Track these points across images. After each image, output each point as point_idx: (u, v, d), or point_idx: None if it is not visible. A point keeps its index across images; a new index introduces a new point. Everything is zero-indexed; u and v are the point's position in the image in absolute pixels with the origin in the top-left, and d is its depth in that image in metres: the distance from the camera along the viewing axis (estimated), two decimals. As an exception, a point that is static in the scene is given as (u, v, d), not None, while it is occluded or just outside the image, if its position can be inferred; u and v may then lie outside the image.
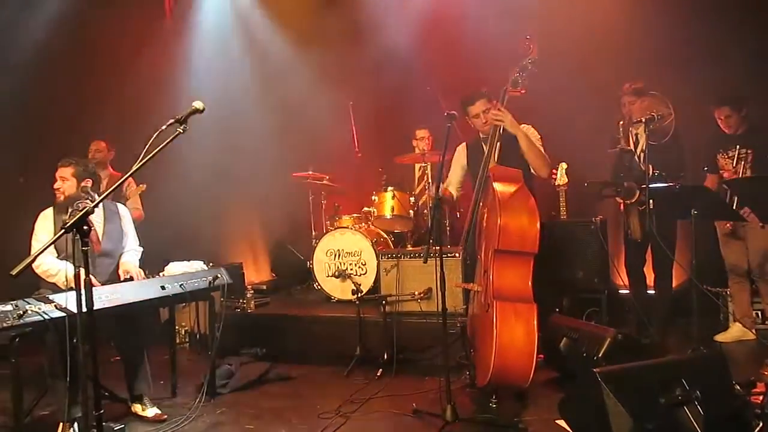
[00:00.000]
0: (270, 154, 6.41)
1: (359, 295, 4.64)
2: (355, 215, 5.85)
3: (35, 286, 3.65)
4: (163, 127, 2.61)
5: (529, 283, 3.27)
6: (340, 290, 5.36)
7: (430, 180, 5.92)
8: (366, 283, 5.19)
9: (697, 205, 3.60)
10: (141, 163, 2.48)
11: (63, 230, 2.25)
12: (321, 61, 6.36)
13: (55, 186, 3.80)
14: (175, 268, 4.03)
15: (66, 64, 6.00)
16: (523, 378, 3.16)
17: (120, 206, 4.12)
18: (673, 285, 4.70)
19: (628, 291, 4.72)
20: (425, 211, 5.77)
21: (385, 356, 4.42)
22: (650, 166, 4.09)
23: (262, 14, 6.84)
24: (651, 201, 4.03)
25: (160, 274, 3.94)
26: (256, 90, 6.65)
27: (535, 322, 3.16)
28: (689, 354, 3.50)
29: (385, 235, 5.69)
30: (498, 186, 3.40)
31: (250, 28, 6.87)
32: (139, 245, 4.14)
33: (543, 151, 3.91)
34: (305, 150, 6.27)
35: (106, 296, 3.27)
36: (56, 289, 3.54)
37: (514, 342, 3.12)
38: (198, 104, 2.70)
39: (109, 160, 5.58)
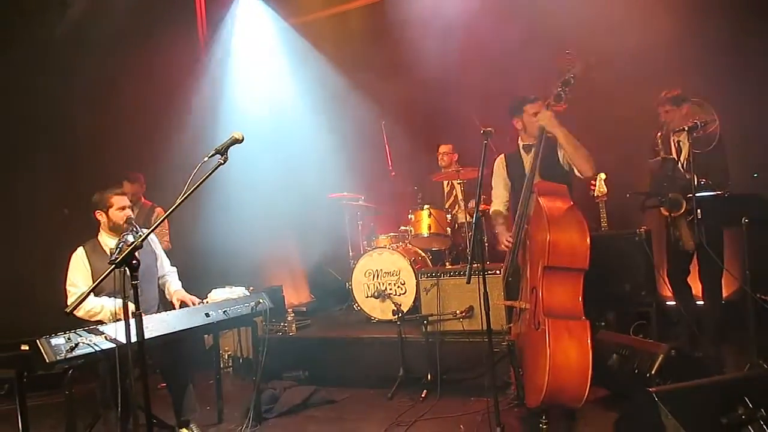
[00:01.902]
0: (305, 176, 6.47)
1: (400, 315, 4.62)
2: (391, 234, 5.85)
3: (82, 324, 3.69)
4: (205, 159, 2.65)
5: (580, 300, 3.20)
6: (380, 310, 5.34)
7: (459, 195, 5.90)
8: (406, 303, 5.17)
9: (749, 212, 3.47)
10: (185, 195, 2.52)
11: (114, 265, 2.30)
12: (354, 82, 6.42)
13: (129, 213, 3.79)
14: (218, 294, 4.07)
15: (107, 98, 6.20)
16: (577, 398, 3.07)
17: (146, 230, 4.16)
18: (723, 295, 4.53)
19: (674, 303, 4.58)
20: (455, 227, 5.73)
21: (429, 377, 4.38)
22: (695, 175, 3.97)
23: (295, 40, 6.97)
24: (699, 210, 3.91)
25: (204, 301, 3.98)
26: (290, 114, 6.75)
27: (589, 340, 3.08)
28: (749, 370, 3.36)
29: (423, 254, 5.66)
30: (545, 201, 3.34)
31: (282, 53, 6.99)
32: (171, 265, 4.23)
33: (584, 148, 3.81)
34: (340, 171, 6.31)
35: (153, 325, 3.33)
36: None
37: (569, 361, 3.05)
38: (237, 134, 2.74)
39: (142, 192, 5.68)
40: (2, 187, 5.75)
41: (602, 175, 4.90)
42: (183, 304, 3.87)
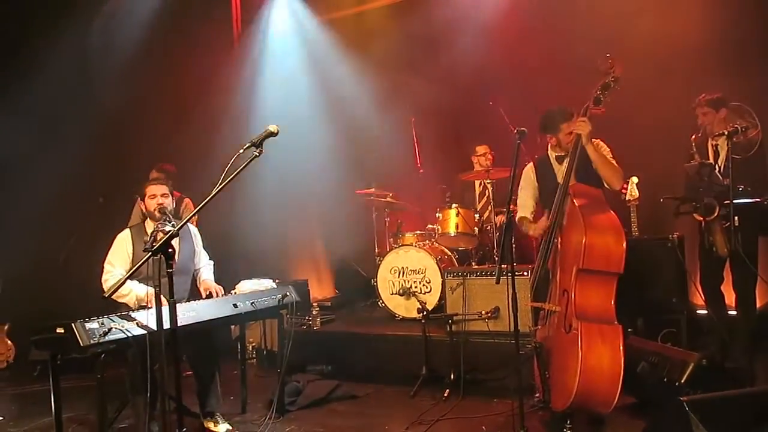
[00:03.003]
0: (334, 171, 6.50)
1: (425, 313, 4.61)
2: (418, 232, 5.83)
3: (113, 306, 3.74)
4: (241, 151, 2.67)
5: (612, 304, 3.17)
6: (405, 308, 5.34)
7: (491, 197, 5.86)
8: (431, 301, 5.15)
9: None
10: (220, 187, 2.55)
11: (150, 253, 2.33)
12: (384, 79, 6.42)
13: (161, 201, 3.80)
14: (245, 286, 4.11)
15: (140, 90, 6.31)
16: (606, 403, 3.04)
17: (191, 226, 4.24)
18: (757, 305, 4.42)
19: (705, 311, 4.48)
20: (488, 227, 5.70)
21: (452, 376, 4.36)
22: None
23: (327, 36, 7.00)
24: (736, 217, 3.82)
25: (232, 292, 4.03)
26: (320, 109, 6.79)
27: (621, 345, 3.06)
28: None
29: (450, 253, 5.63)
30: (581, 204, 3.31)
31: (314, 49, 7.03)
32: (209, 259, 4.29)
33: (614, 162, 3.80)
34: (368, 167, 6.32)
35: (182, 314, 3.36)
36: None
37: (601, 365, 3.02)
38: (272, 127, 2.75)
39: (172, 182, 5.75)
40: (36, 174, 5.89)
41: (634, 179, 4.82)
42: (209, 294, 3.92)
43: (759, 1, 4.95)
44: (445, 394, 4.25)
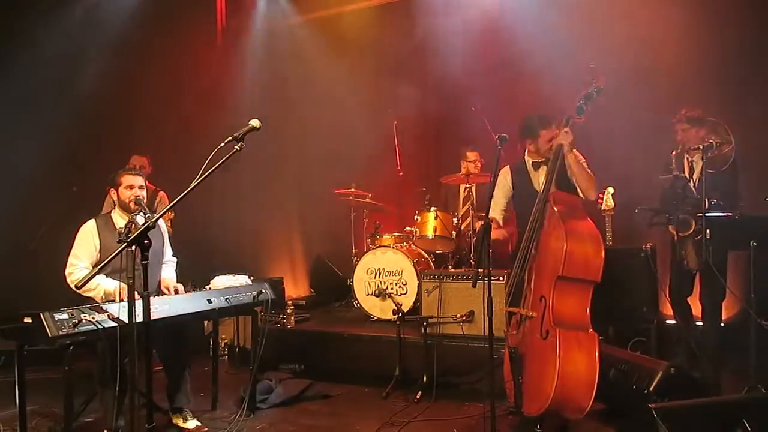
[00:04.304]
0: (313, 170, 6.48)
1: (400, 315, 4.61)
2: (396, 234, 5.83)
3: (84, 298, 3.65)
4: (222, 145, 2.64)
5: (588, 312, 3.21)
6: (380, 309, 5.34)
7: (475, 201, 5.88)
8: (406, 303, 5.16)
9: (757, 235, 3.47)
10: (200, 180, 2.52)
11: (126, 244, 2.29)
12: (368, 80, 6.41)
13: (138, 193, 3.75)
14: (220, 281, 4.07)
15: (120, 81, 6.22)
16: (580, 409, 3.08)
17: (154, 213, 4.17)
18: (723, 317, 4.52)
19: (674, 322, 4.57)
20: (468, 232, 5.72)
21: (425, 379, 4.37)
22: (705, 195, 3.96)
23: (311, 36, 6.98)
24: (707, 231, 3.90)
25: (206, 287, 3.98)
26: (301, 108, 6.76)
27: (597, 352, 3.10)
28: (747, 392, 3.36)
29: (427, 255, 5.65)
30: (562, 212, 3.35)
31: (298, 48, 7.00)
32: (173, 255, 4.24)
33: (591, 173, 3.87)
34: (349, 167, 6.31)
35: (155, 308, 3.30)
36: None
37: (577, 372, 3.07)
38: (255, 122, 2.73)
39: (147, 175, 5.68)
40: (8, 160, 5.76)
41: (610, 189, 4.90)
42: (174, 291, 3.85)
43: (738, 15, 5.06)
44: (418, 396, 4.26)
